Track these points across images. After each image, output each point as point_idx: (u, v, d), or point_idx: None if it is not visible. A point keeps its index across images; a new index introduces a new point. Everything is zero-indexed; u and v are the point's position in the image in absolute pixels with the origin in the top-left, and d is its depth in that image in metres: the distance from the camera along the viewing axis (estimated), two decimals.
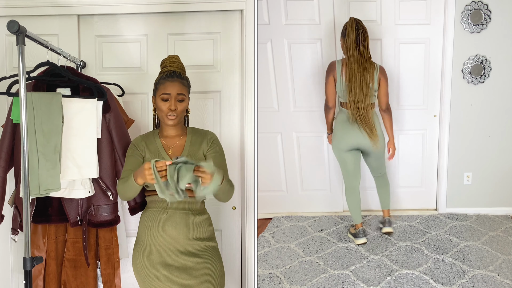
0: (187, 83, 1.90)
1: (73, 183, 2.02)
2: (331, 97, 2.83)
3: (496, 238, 3.00)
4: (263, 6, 3.15)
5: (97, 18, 2.48)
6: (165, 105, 1.83)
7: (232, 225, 2.56)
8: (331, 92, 2.81)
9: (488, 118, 3.35)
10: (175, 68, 1.89)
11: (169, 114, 1.83)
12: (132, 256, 1.92)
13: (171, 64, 1.90)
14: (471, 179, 3.45)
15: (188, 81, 1.92)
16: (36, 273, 2.11)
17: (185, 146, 1.89)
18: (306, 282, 2.49)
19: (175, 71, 1.87)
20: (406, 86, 3.31)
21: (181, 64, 1.94)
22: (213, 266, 1.85)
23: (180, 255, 1.82)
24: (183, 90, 1.85)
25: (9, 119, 2.04)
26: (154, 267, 1.83)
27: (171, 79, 1.84)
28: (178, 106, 1.83)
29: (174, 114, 1.83)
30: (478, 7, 3.18)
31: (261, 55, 3.24)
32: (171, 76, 1.84)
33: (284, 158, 3.49)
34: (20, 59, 1.65)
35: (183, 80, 1.87)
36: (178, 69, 1.90)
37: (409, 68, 3.29)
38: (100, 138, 2.04)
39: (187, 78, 1.92)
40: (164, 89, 1.83)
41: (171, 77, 1.84)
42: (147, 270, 1.84)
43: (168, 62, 1.92)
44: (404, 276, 2.51)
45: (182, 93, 1.84)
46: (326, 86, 2.82)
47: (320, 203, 3.56)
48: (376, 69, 2.76)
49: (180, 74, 1.88)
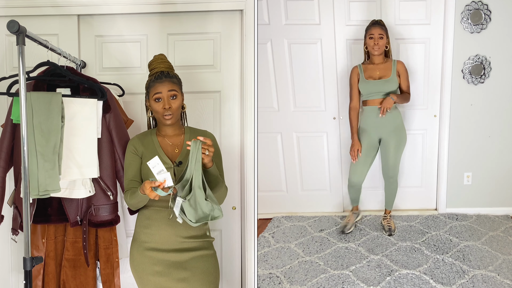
0: (177, 80, 1.91)
1: (74, 183, 2.02)
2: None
3: (496, 238, 3.00)
4: (263, 6, 3.15)
5: (97, 18, 2.48)
6: (159, 105, 1.84)
7: (232, 225, 2.56)
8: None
9: (488, 118, 3.34)
10: (162, 68, 1.90)
11: (165, 114, 1.84)
12: (130, 253, 1.94)
13: (158, 65, 1.91)
14: (471, 179, 3.45)
15: (178, 78, 1.92)
16: (35, 273, 2.11)
17: (183, 146, 1.91)
18: (306, 282, 2.49)
19: (163, 71, 1.88)
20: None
21: (168, 63, 1.95)
22: (208, 260, 1.88)
23: (176, 251, 1.85)
24: (174, 87, 1.86)
25: (9, 119, 2.04)
26: (150, 263, 1.85)
27: (159, 80, 1.85)
28: (172, 104, 1.84)
29: (169, 112, 1.84)
30: (478, 7, 3.18)
31: (261, 55, 3.24)
32: (159, 77, 1.85)
33: (284, 158, 3.49)
34: (20, 59, 1.65)
35: (172, 78, 1.88)
36: (165, 68, 1.91)
37: (409, 68, 3.28)
38: (100, 138, 2.04)
39: (176, 75, 1.93)
40: (155, 90, 1.84)
41: (159, 78, 1.85)
42: (143, 266, 1.87)
43: (155, 64, 1.92)
44: (404, 276, 2.51)
45: (173, 89, 1.85)
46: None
47: (320, 203, 3.56)
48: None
49: (168, 73, 1.88)
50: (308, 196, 3.57)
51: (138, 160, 1.91)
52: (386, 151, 3.00)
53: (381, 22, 2.93)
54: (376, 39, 2.86)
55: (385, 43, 2.90)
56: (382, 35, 2.87)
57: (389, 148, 2.98)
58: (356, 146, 2.95)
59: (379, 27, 2.88)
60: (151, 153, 1.89)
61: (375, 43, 2.87)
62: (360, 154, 2.95)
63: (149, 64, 1.95)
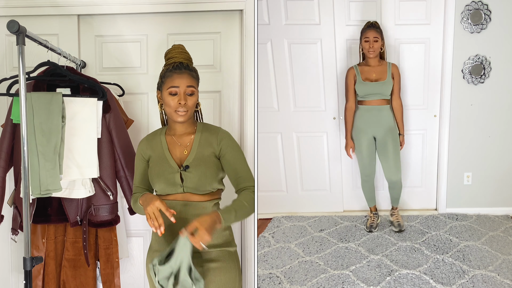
0: (196, 74, 1.73)
1: (74, 183, 2.02)
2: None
3: (496, 238, 3.00)
4: (263, 6, 3.15)
5: (97, 18, 2.48)
6: (173, 100, 1.65)
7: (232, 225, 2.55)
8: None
9: (488, 118, 3.34)
10: (182, 59, 1.71)
11: (179, 110, 1.65)
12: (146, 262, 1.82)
13: (177, 55, 1.71)
14: (471, 179, 3.45)
15: (197, 73, 1.75)
16: (36, 273, 2.11)
17: (192, 147, 1.73)
18: (306, 282, 2.49)
19: (182, 63, 1.69)
20: (406, 86, 3.31)
21: (188, 54, 1.76)
22: (229, 273, 1.69)
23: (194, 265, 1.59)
24: (193, 82, 1.68)
25: (9, 119, 2.04)
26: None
27: (178, 71, 1.66)
28: (188, 101, 1.66)
29: (184, 109, 1.65)
30: (478, 7, 3.18)
31: (261, 55, 3.24)
32: (179, 68, 1.66)
33: (284, 158, 3.49)
34: (20, 59, 1.65)
35: (191, 71, 1.69)
36: (185, 60, 1.72)
37: (409, 68, 3.28)
38: (100, 138, 2.04)
39: (196, 70, 1.74)
40: (171, 82, 1.65)
41: (178, 69, 1.66)
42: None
43: (173, 53, 1.73)
44: (404, 276, 2.51)
45: (192, 85, 1.67)
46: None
47: (320, 203, 3.56)
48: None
49: (188, 65, 1.70)
50: (308, 196, 3.56)
51: (144, 165, 1.79)
52: (385, 152, 3.00)
53: (376, 24, 2.94)
54: (371, 42, 2.88)
55: (380, 45, 2.92)
56: (377, 38, 2.89)
57: (387, 149, 2.98)
58: (349, 145, 3.04)
59: (374, 30, 2.90)
60: (158, 156, 1.74)
61: (370, 46, 2.89)
62: (353, 152, 3.05)
63: (166, 52, 1.76)
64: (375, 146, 3.05)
